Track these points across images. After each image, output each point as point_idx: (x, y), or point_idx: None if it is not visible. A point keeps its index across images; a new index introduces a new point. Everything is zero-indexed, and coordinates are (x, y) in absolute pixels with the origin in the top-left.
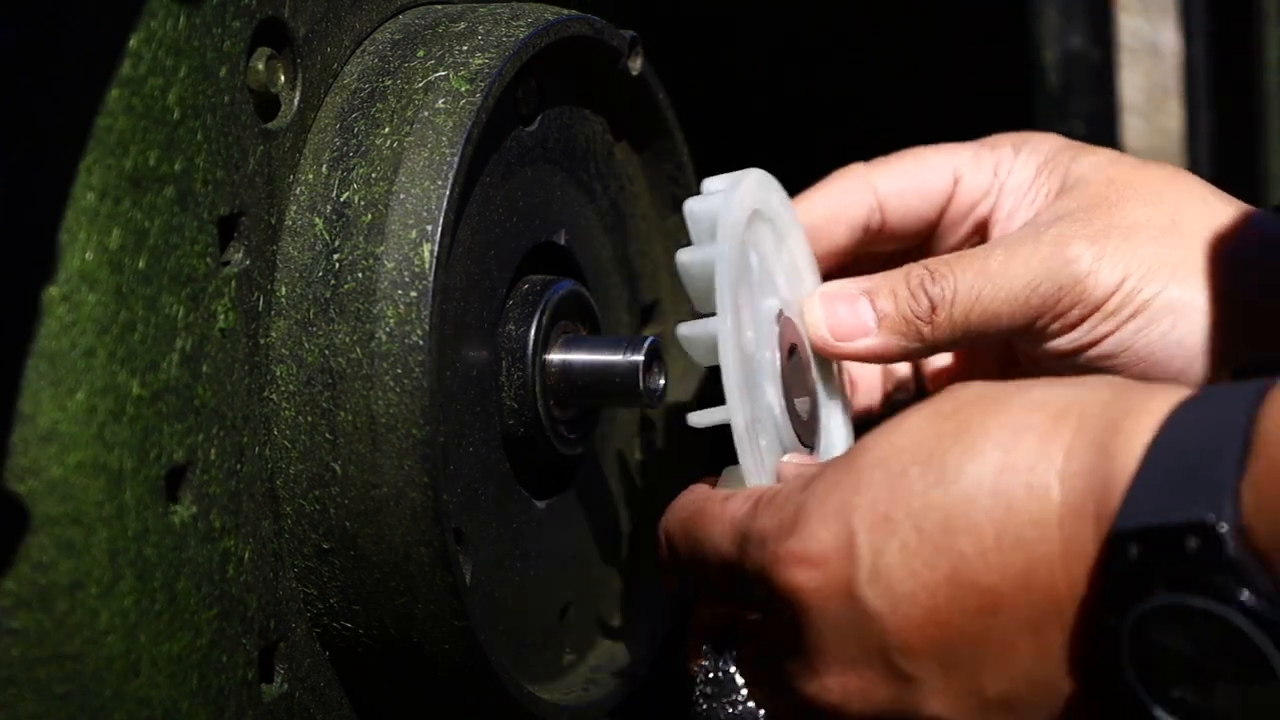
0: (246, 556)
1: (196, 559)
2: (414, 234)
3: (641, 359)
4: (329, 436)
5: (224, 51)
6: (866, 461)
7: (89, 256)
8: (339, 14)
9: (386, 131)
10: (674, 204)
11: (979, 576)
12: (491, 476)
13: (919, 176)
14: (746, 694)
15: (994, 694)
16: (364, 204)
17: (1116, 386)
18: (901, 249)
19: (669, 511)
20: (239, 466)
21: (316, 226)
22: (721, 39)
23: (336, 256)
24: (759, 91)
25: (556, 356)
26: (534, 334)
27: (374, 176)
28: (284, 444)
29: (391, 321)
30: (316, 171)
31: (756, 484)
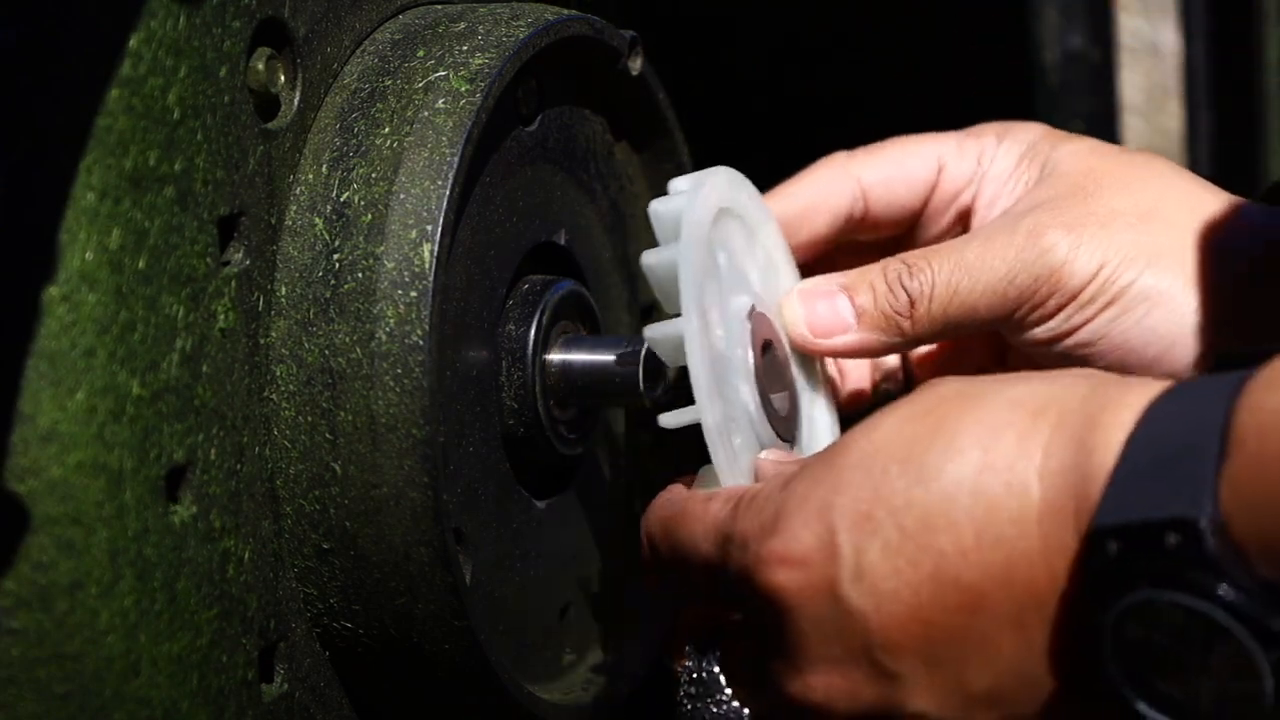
0: (246, 556)
1: (196, 559)
2: (414, 234)
3: (641, 359)
4: (329, 436)
5: (224, 51)
6: (846, 461)
7: (89, 256)
8: (339, 14)
9: (386, 131)
10: None
11: (961, 574)
12: (491, 476)
13: (903, 165)
14: (730, 694)
15: (978, 690)
16: (364, 204)
17: (1094, 381)
18: (884, 237)
19: (649, 511)
20: (239, 466)
21: (316, 226)
22: (721, 39)
23: (336, 256)
24: (759, 91)
25: (556, 356)
26: (534, 334)
27: (374, 176)
28: (284, 444)
29: (391, 321)
30: (316, 171)
31: (731, 482)
